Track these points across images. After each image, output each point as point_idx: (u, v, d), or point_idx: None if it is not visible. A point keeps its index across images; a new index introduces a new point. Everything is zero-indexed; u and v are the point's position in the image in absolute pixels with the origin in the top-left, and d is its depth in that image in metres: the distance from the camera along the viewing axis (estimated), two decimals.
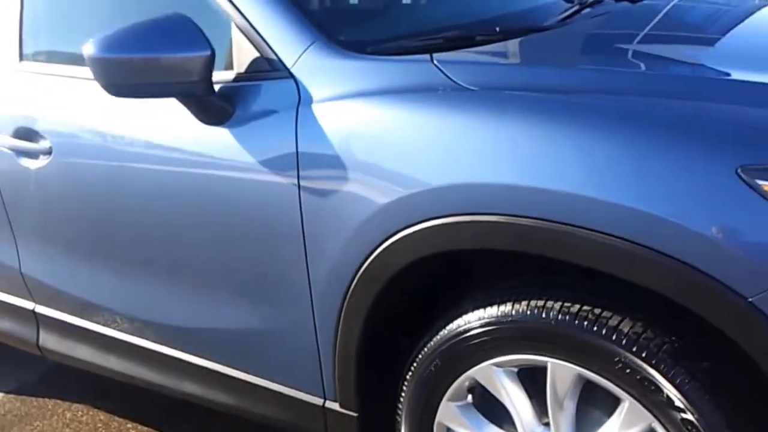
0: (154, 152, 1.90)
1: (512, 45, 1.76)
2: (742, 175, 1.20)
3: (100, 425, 2.66)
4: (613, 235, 1.27)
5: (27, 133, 2.16)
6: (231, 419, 2.59)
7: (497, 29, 1.77)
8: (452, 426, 1.65)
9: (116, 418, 2.68)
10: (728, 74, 1.56)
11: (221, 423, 2.58)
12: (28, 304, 2.43)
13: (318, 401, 1.82)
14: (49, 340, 2.42)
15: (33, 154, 2.15)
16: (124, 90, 1.75)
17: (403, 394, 1.69)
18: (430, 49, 1.63)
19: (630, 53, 1.86)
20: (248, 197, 1.74)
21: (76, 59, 2.11)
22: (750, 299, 1.20)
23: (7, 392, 2.94)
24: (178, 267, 1.97)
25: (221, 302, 1.91)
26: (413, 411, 1.68)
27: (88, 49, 1.71)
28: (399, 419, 1.72)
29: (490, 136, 1.41)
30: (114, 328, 2.21)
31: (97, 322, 2.25)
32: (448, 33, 1.76)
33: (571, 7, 2.03)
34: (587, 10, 2.06)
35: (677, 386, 1.32)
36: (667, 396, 1.33)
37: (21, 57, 2.26)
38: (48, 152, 2.11)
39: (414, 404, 1.67)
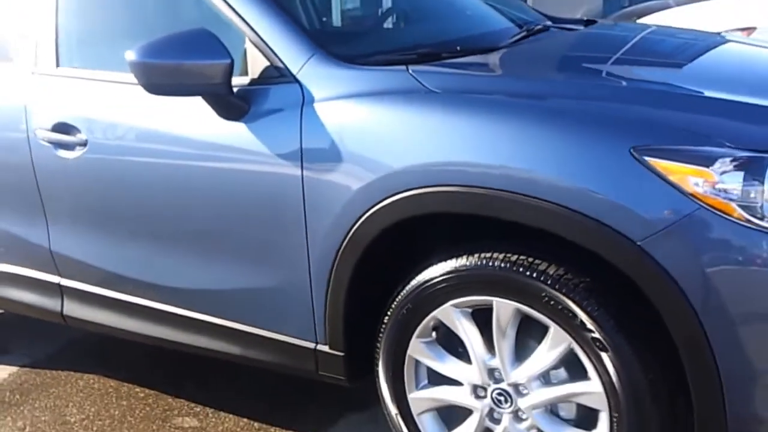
0: (179, 142, 2.32)
1: (469, 60, 2.24)
2: (634, 153, 1.66)
3: (110, 390, 3.03)
4: (537, 198, 1.72)
5: (64, 128, 2.56)
6: (227, 377, 3.00)
7: (458, 48, 2.25)
8: (420, 358, 2.08)
9: (125, 384, 3.06)
10: (628, 83, 2.04)
11: (220, 382, 2.98)
12: (54, 279, 2.81)
13: (311, 345, 2.24)
14: (72, 309, 2.80)
15: (69, 146, 2.55)
16: (159, 89, 2.18)
17: (381, 335, 2.11)
18: (406, 62, 2.10)
19: (556, 67, 2.36)
20: (260, 179, 2.16)
21: (106, 64, 2.56)
22: (638, 243, 1.65)
23: (22, 366, 3.29)
24: (197, 239, 2.38)
25: (233, 267, 2.32)
26: (389, 348, 2.10)
27: (131, 55, 2.13)
28: (377, 356, 2.14)
29: (450, 127, 1.87)
30: (133, 295, 2.60)
31: (118, 291, 2.63)
32: (421, 50, 2.23)
33: (519, 33, 2.52)
34: (533, 36, 2.55)
35: (588, 313, 1.76)
36: (581, 321, 1.77)
37: (57, 63, 2.66)
38: (83, 144, 2.52)
39: (390, 342, 2.09)
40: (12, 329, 3.68)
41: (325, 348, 2.21)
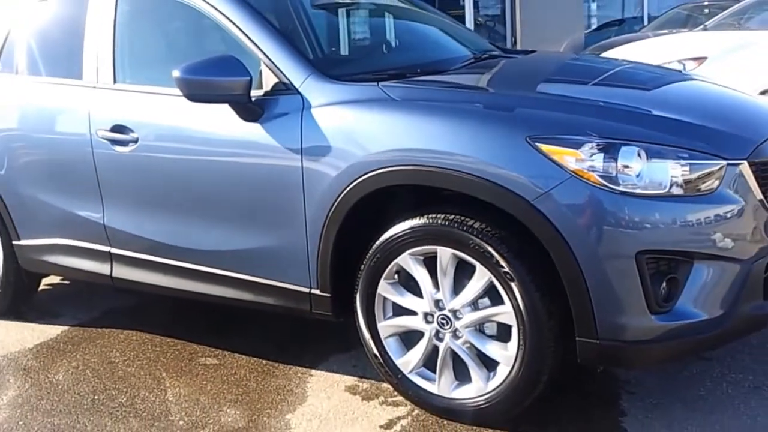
0: (209, 137, 3.04)
1: (425, 78, 3.00)
2: (528, 140, 2.38)
3: (146, 340, 3.71)
4: (463, 172, 2.43)
5: (119, 128, 3.27)
6: (239, 328, 3.66)
7: (418, 70, 2.99)
8: (386, 295, 2.77)
9: (157, 336, 3.73)
10: (533, 93, 2.78)
11: (234, 331, 3.66)
12: (106, 248, 3.51)
13: (306, 290, 2.93)
14: (120, 272, 3.49)
15: (124, 143, 3.26)
16: (197, 98, 2.90)
17: (358, 279, 2.80)
18: (378, 79, 2.85)
19: (486, 82, 3.10)
20: (271, 166, 2.87)
21: (152, 80, 3.28)
22: (531, 201, 2.35)
23: (72, 326, 3.97)
24: (221, 212, 3.08)
25: (248, 233, 3.02)
26: (364, 288, 2.79)
27: (176, 73, 2.85)
28: (355, 295, 2.82)
29: (406, 124, 2.60)
30: (169, 258, 3.29)
31: (158, 255, 3.33)
32: (390, 71, 2.97)
33: (468, 59, 3.26)
34: (479, 61, 3.30)
35: (501, 254, 2.46)
36: (496, 260, 2.47)
37: (114, 80, 3.38)
38: (135, 141, 3.23)
39: (364, 284, 2.79)
40: (62, 298, 4.42)
41: (317, 291, 2.90)
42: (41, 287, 4.31)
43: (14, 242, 3.83)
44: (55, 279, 4.59)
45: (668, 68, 4.73)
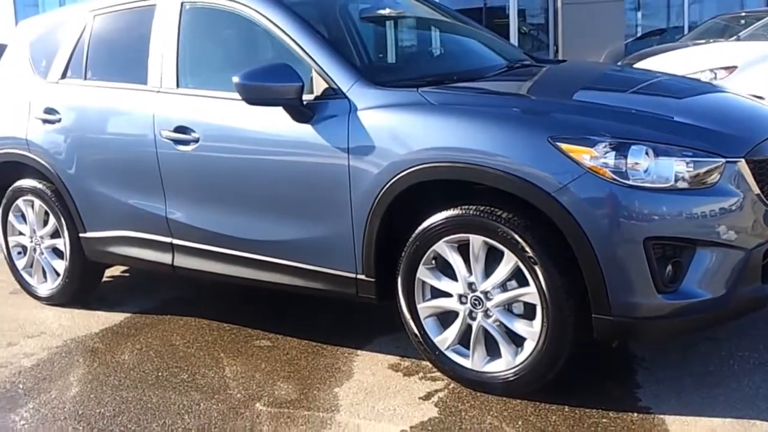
0: (265, 137, 3.59)
1: (460, 85, 3.52)
2: (549, 140, 2.88)
3: (204, 325, 4.28)
4: (493, 168, 2.94)
5: (182, 129, 3.85)
6: (290, 313, 4.21)
7: (455, 77, 3.53)
8: (425, 279, 3.28)
9: (215, 321, 4.31)
10: (557, 99, 3.30)
11: (285, 317, 4.21)
12: (167, 239, 4.08)
13: (352, 275, 3.45)
14: (180, 261, 4.07)
15: (185, 143, 3.84)
16: (254, 101, 3.46)
17: (399, 265, 3.32)
18: (417, 86, 3.37)
19: (518, 89, 3.62)
20: (320, 162, 3.40)
21: (212, 85, 3.85)
22: (552, 193, 2.85)
23: (135, 312, 4.57)
24: (276, 205, 3.63)
25: (300, 224, 3.55)
26: (404, 273, 3.31)
27: (236, 78, 3.41)
28: (397, 280, 3.34)
29: (442, 126, 3.13)
30: (227, 248, 3.84)
31: (216, 245, 3.89)
32: (429, 78, 3.50)
33: (501, 68, 3.79)
34: (512, 70, 3.83)
35: (526, 241, 2.96)
36: (522, 246, 2.97)
37: (177, 85, 3.96)
38: (196, 141, 3.80)
39: (405, 269, 3.30)
40: (124, 288, 5.06)
41: (362, 277, 3.43)
42: (104, 279, 4.94)
43: (81, 235, 4.45)
44: (116, 271, 5.23)
45: (684, 76, 5.23)
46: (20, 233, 4.81)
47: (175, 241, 4.06)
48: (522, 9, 10.64)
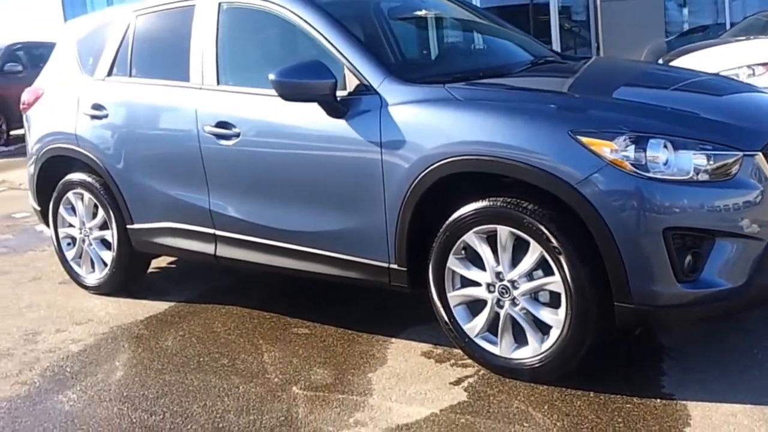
0: (301, 132, 3.83)
1: (485, 81, 3.71)
2: (570, 134, 3.06)
3: (244, 314, 4.54)
4: (517, 161, 3.13)
5: (224, 125, 4.10)
6: (327, 303, 4.45)
7: (480, 74, 3.73)
8: (454, 269, 3.48)
9: (255, 310, 4.56)
10: (579, 94, 3.48)
11: (322, 306, 4.46)
12: (210, 230, 4.35)
13: (385, 264, 3.67)
14: (223, 251, 4.34)
15: (227, 137, 4.10)
16: (290, 97, 3.69)
17: (430, 255, 3.53)
18: (444, 81, 3.57)
19: (540, 84, 3.80)
20: (355, 156, 3.62)
21: (251, 82, 4.09)
22: (574, 185, 3.04)
23: (178, 302, 4.85)
24: (312, 197, 3.85)
25: (336, 215, 3.77)
26: (435, 263, 3.51)
27: (272, 76, 3.65)
28: (428, 269, 3.55)
29: (468, 120, 3.32)
30: (267, 238, 4.09)
31: (257, 236, 4.14)
32: (455, 74, 3.71)
33: (526, 65, 3.97)
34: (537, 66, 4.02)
35: (550, 231, 3.14)
36: (547, 237, 3.15)
37: (218, 82, 4.23)
38: (237, 135, 4.05)
39: (436, 259, 3.51)
40: (169, 278, 5.37)
41: (395, 266, 3.64)
42: (150, 269, 5.25)
43: (128, 226, 4.74)
44: (162, 262, 5.53)
45: (717, 74, 5.36)
46: (70, 225, 5.13)
47: (218, 232, 4.32)
48: (565, 6, 10.79)
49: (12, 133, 13.90)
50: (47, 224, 5.32)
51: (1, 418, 3.51)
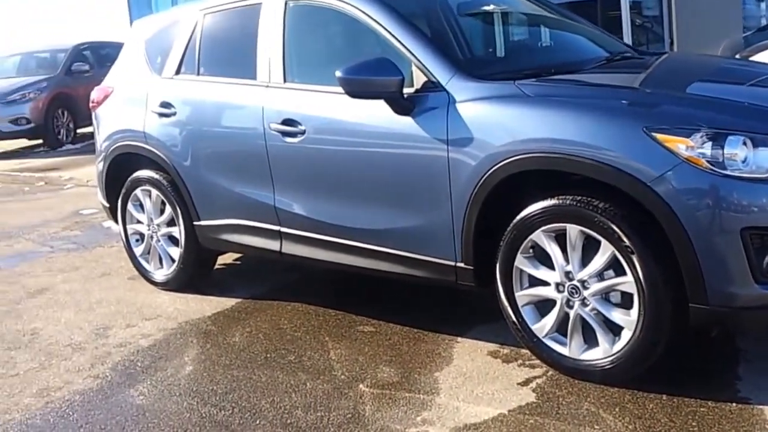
0: (368, 129, 3.83)
1: (557, 77, 3.65)
2: (645, 131, 3.00)
3: (310, 311, 4.57)
4: (589, 158, 3.07)
5: (290, 122, 4.13)
6: (392, 300, 4.45)
7: (552, 70, 3.68)
8: (522, 268, 3.44)
9: (320, 307, 4.59)
10: (652, 90, 3.39)
11: (387, 303, 4.46)
12: (275, 227, 4.39)
13: (452, 263, 3.65)
14: (288, 248, 4.37)
15: (293, 135, 4.12)
16: (357, 94, 3.70)
17: (497, 254, 3.50)
18: (514, 78, 3.53)
19: (614, 80, 3.72)
20: (422, 154, 3.61)
21: (317, 80, 4.11)
22: (648, 183, 2.97)
23: (244, 298, 4.91)
24: (378, 195, 3.85)
25: (403, 213, 3.77)
26: (503, 262, 3.48)
27: (339, 73, 3.65)
28: (495, 268, 3.52)
29: (538, 117, 3.28)
30: (332, 236, 4.11)
31: (322, 233, 4.16)
32: (525, 71, 3.66)
33: (600, 61, 3.90)
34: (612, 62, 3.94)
35: (623, 231, 3.08)
36: (619, 236, 3.09)
37: (284, 80, 4.25)
38: (303, 133, 4.08)
39: (503, 258, 3.48)
40: (234, 274, 5.43)
41: (462, 264, 3.62)
42: (216, 265, 5.32)
43: (195, 223, 4.82)
44: (228, 258, 5.60)
45: None
46: (138, 221, 5.23)
47: (283, 229, 4.35)
48: (636, 1, 10.57)
49: (78, 131, 14.23)
50: (116, 221, 5.42)
51: (76, 410, 3.59)
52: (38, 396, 3.77)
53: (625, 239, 3.08)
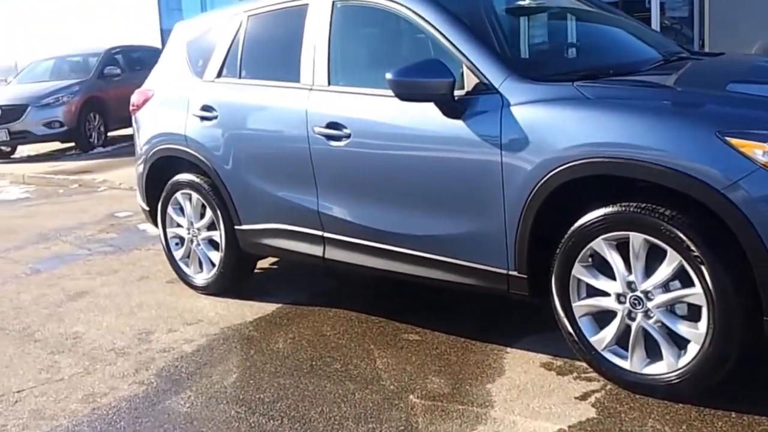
0: (416, 133, 3.66)
1: (616, 79, 3.46)
2: (718, 135, 2.80)
3: (353, 317, 4.41)
4: (658, 164, 2.88)
5: (334, 125, 3.97)
6: (438, 308, 4.28)
7: (610, 71, 3.48)
8: (580, 277, 3.26)
9: (363, 314, 4.43)
10: (720, 92, 3.19)
11: (432, 311, 4.29)
12: (318, 232, 4.23)
13: (504, 271, 3.48)
14: (332, 253, 4.21)
15: (337, 138, 3.96)
16: (407, 97, 3.53)
17: (553, 262, 3.32)
18: (572, 79, 3.34)
19: (676, 82, 3.51)
20: (473, 159, 3.43)
21: (362, 83, 3.94)
22: (721, 190, 2.78)
23: (285, 303, 4.76)
24: (427, 200, 3.69)
25: (453, 219, 3.60)
26: (559, 271, 3.30)
27: (389, 75, 3.49)
28: (551, 277, 3.34)
29: (600, 120, 3.09)
30: (377, 242, 3.94)
31: (366, 239, 3.99)
32: (584, 72, 3.46)
33: (657, 61, 3.70)
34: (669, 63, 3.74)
35: (691, 239, 2.89)
36: (687, 245, 2.90)
37: (329, 83, 4.09)
38: (348, 136, 3.91)
39: (559, 267, 3.30)
40: (272, 279, 5.27)
41: (515, 273, 3.44)
42: (256, 270, 5.17)
43: (236, 227, 4.67)
44: (264, 263, 5.45)
45: None
46: (178, 225, 5.10)
47: (327, 234, 4.20)
48: (662, 2, 10.32)
49: (109, 134, 14.17)
50: (155, 224, 5.29)
51: (123, 417, 3.46)
52: (84, 402, 3.65)
53: (694, 248, 2.89)
